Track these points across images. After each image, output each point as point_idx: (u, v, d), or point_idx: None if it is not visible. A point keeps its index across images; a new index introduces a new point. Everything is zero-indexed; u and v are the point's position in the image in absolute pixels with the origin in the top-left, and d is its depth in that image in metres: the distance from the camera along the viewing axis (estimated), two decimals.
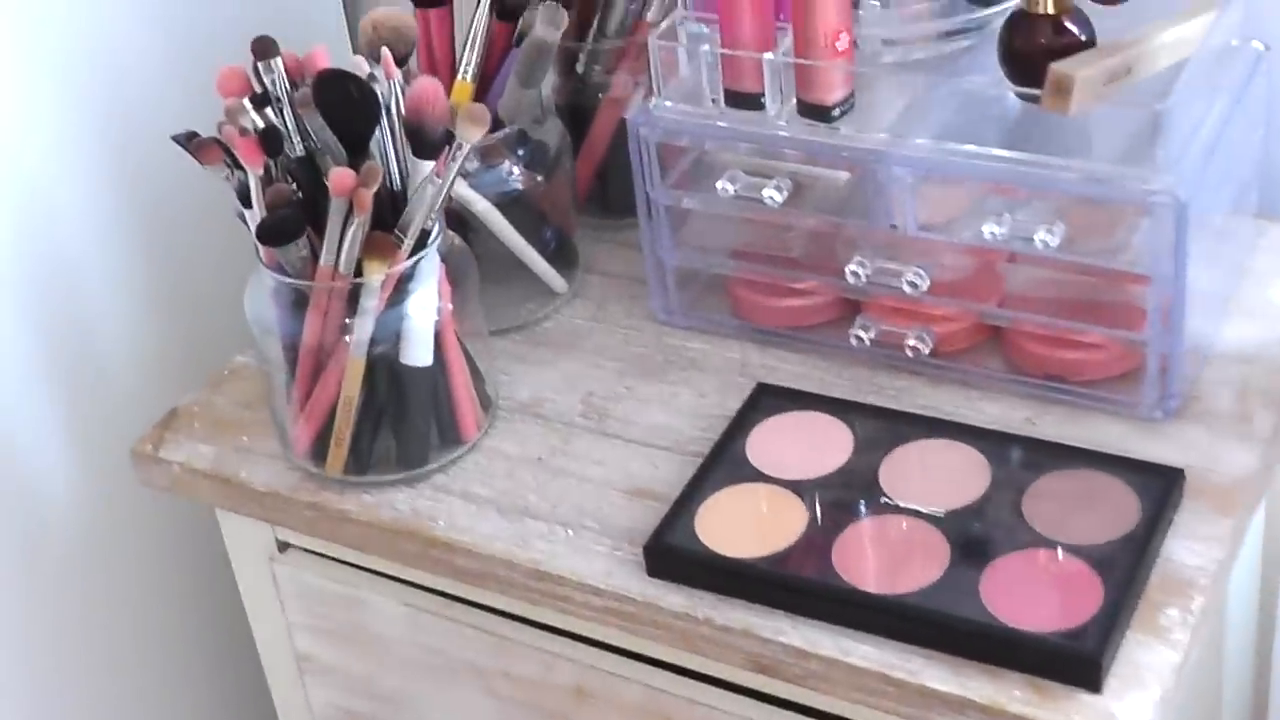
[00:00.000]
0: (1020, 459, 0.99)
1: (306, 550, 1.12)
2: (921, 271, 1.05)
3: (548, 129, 1.15)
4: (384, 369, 1.02)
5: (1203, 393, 1.04)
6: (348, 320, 1.01)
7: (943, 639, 0.90)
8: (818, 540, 0.96)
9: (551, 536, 1.01)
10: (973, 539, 0.95)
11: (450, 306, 1.03)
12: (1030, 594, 0.92)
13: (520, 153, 1.13)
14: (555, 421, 1.09)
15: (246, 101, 0.99)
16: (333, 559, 1.11)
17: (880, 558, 0.95)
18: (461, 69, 1.12)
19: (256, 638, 1.20)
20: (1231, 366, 1.06)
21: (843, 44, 1.01)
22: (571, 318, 1.17)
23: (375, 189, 0.95)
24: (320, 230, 0.98)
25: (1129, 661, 0.89)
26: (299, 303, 1.01)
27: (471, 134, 0.98)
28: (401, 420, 1.04)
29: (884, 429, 1.03)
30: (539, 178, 1.14)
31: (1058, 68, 0.93)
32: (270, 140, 0.96)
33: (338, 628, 1.13)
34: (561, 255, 1.18)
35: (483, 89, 1.13)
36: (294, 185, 0.98)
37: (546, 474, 1.05)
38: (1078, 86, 0.92)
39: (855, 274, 1.06)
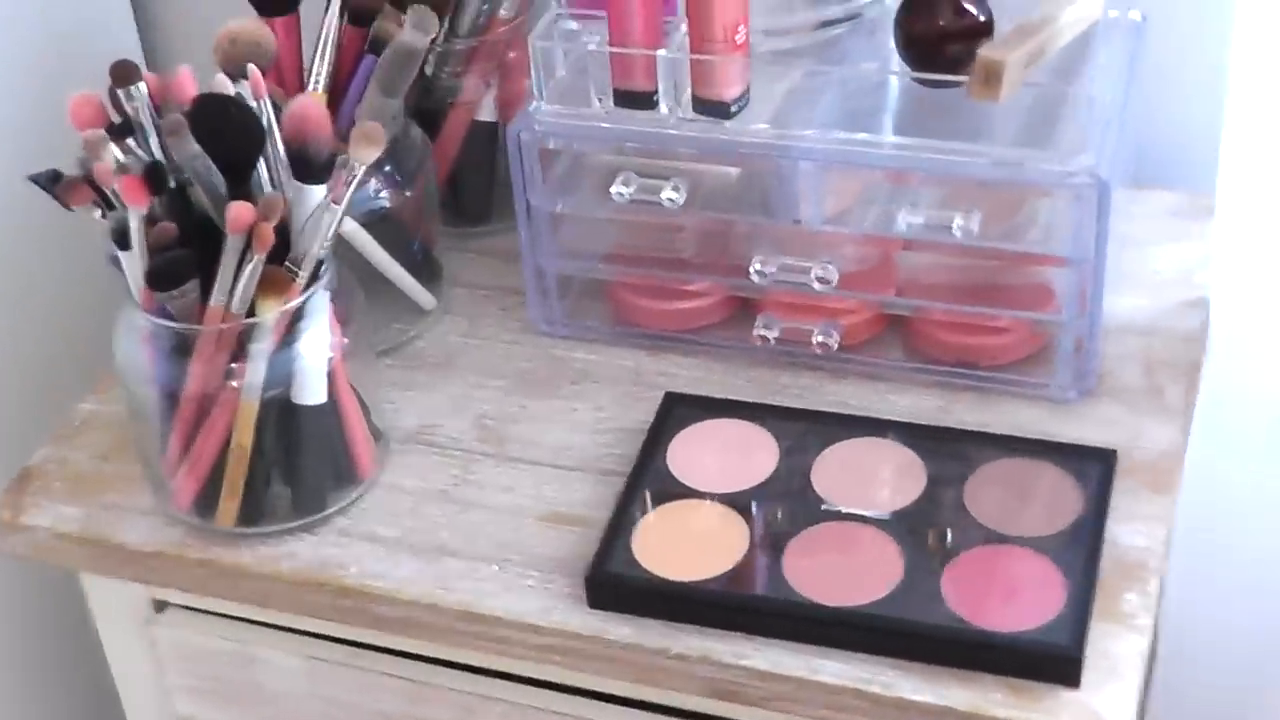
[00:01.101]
0: (952, 452, 0.97)
1: (188, 608, 1.04)
2: (830, 265, 1.02)
3: (411, 138, 1.08)
4: (275, 411, 0.95)
5: (1109, 369, 1.04)
6: (234, 364, 0.93)
7: (914, 648, 0.88)
8: (765, 555, 0.92)
9: (475, 574, 0.95)
10: (923, 540, 0.92)
11: (345, 340, 0.96)
12: (993, 593, 0.90)
13: (386, 167, 1.06)
14: (451, 449, 1.03)
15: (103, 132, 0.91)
16: (220, 615, 1.03)
17: (833, 568, 0.92)
18: (312, 80, 1.05)
19: (126, 705, 1.11)
20: (1130, 340, 1.05)
21: (741, 37, 0.97)
22: (445, 335, 1.11)
23: (276, 222, 0.88)
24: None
25: (1101, 652, 0.88)
26: (180, 347, 0.93)
27: (368, 154, 0.91)
28: (296, 464, 0.97)
29: (806, 431, 0.99)
30: (406, 192, 1.07)
31: (986, 55, 0.91)
32: (155, 176, 0.88)
33: (225, 687, 1.06)
34: (426, 270, 1.12)
35: (334, 99, 1.06)
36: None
37: (454, 507, 0.99)
38: (1008, 72, 0.90)
39: (760, 272, 1.03)
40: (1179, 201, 1.15)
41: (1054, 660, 0.86)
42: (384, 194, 1.07)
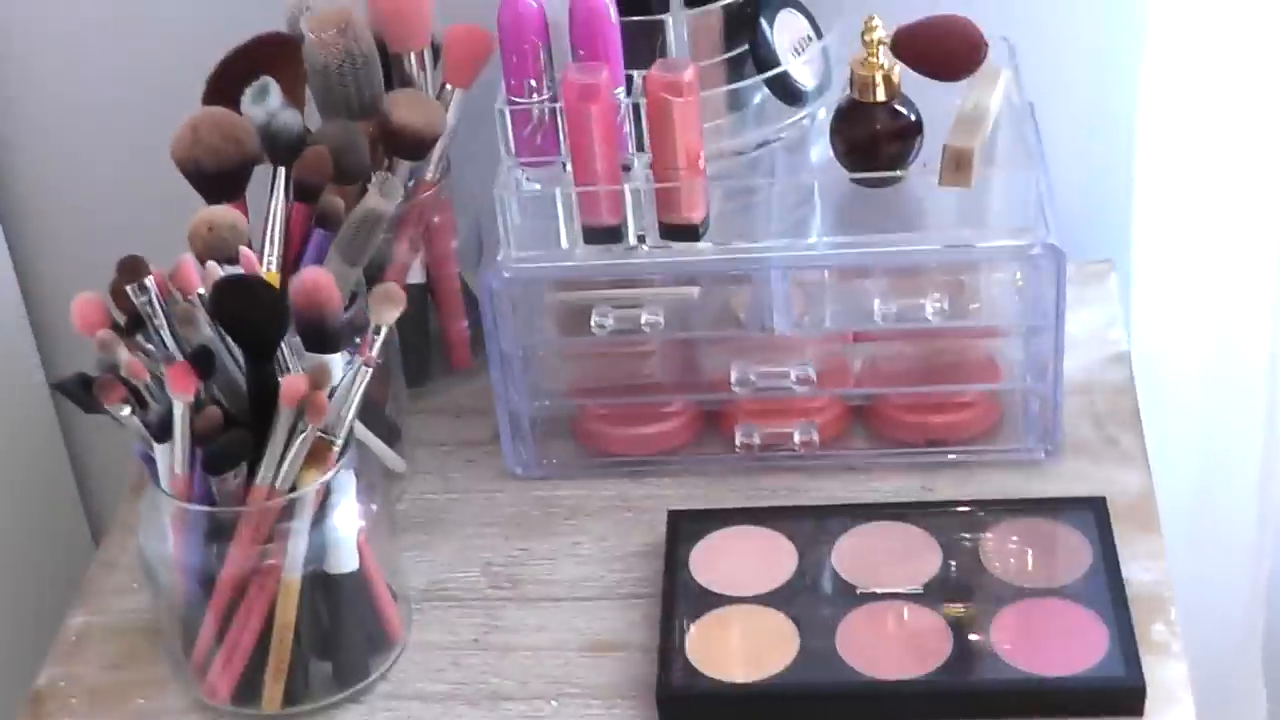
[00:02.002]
0: (955, 523, 1.02)
1: None
2: (806, 366, 1.07)
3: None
4: (309, 585, 0.95)
5: (1064, 428, 1.11)
6: (267, 544, 0.93)
7: (987, 705, 0.93)
8: (818, 644, 0.96)
9: (537, 714, 0.96)
10: (960, 605, 0.97)
11: (374, 506, 0.97)
12: (1041, 642, 0.95)
13: (356, 338, 1.08)
14: (469, 600, 1.04)
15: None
16: None
17: (887, 644, 0.96)
18: (265, 260, 1.06)
19: None
20: (1073, 399, 1.12)
21: (702, 162, 1.02)
22: (422, 495, 1.12)
23: (329, 390, 0.89)
24: None
25: (1153, 682, 0.93)
26: (215, 531, 0.93)
27: (390, 314, 0.93)
28: (336, 635, 0.97)
29: (813, 527, 1.03)
30: (380, 360, 1.09)
31: (954, 145, 0.97)
32: (203, 361, 0.88)
33: None
34: (387, 434, 1.13)
35: (285, 277, 1.07)
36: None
37: (493, 653, 1.00)
38: (975, 159, 0.97)
39: (743, 382, 1.07)
40: (1073, 269, 1.23)
41: (1118, 693, 0.92)
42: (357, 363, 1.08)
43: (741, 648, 0.97)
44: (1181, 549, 1.05)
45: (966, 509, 1.04)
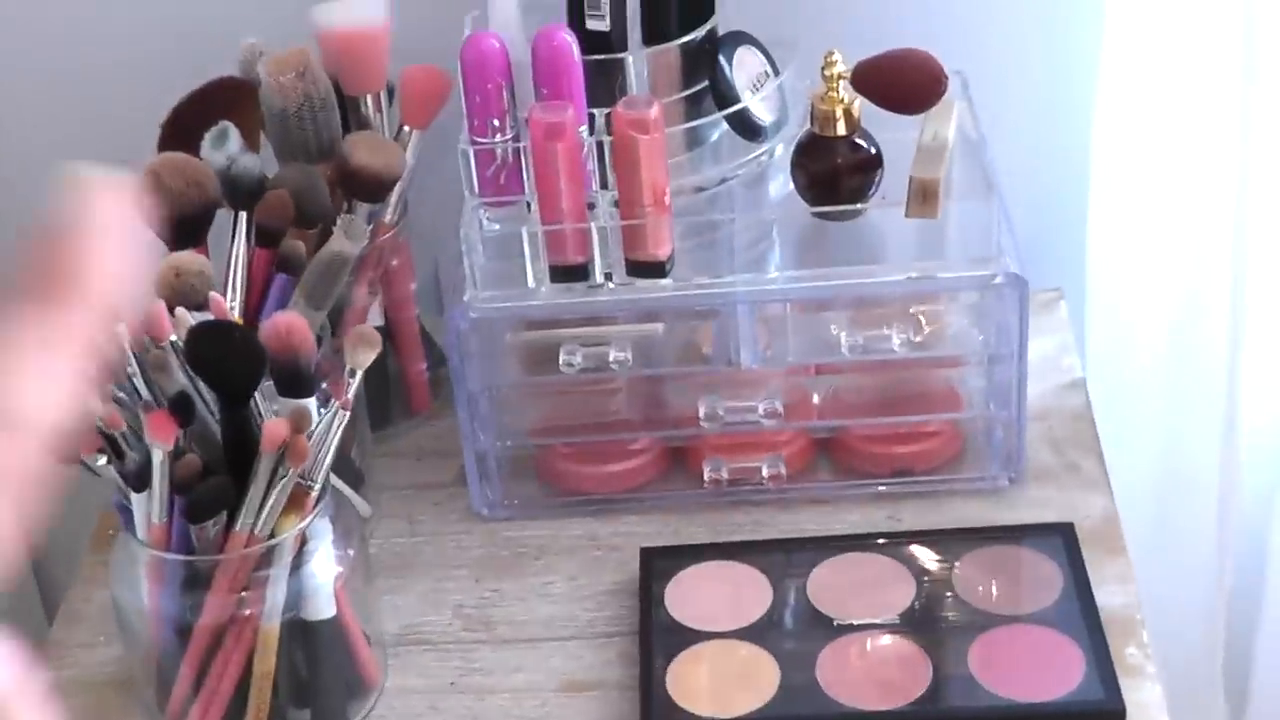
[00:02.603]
0: (926, 554, 1.03)
1: None
2: (774, 400, 1.07)
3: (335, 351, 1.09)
4: (286, 633, 0.94)
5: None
6: (244, 592, 0.93)
7: None
8: (799, 678, 0.96)
9: None
10: (937, 635, 0.98)
11: (351, 552, 0.96)
12: (1020, 668, 0.96)
13: (323, 384, 1.07)
14: (443, 643, 1.03)
15: None
16: None
17: (868, 676, 0.96)
18: (227, 304, 1.05)
19: None
20: (1031, 425, 1.13)
21: (668, 198, 1.03)
22: (388, 538, 1.11)
23: (309, 433, 0.88)
24: None
25: (1129, 704, 0.94)
26: (193, 580, 0.92)
27: (365, 358, 0.93)
28: (315, 682, 0.97)
29: (785, 560, 1.04)
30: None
31: (920, 176, 0.99)
32: (183, 408, 0.87)
33: None
34: (351, 478, 1.12)
35: (248, 322, 1.06)
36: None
37: (470, 696, 1.00)
38: (940, 190, 0.98)
39: (711, 417, 1.08)
40: None
41: (1098, 717, 0.93)
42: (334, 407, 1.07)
43: (722, 683, 0.97)
44: (1142, 572, 1.06)
45: (936, 538, 1.04)
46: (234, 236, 1.06)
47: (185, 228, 1.03)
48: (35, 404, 0.35)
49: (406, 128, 1.13)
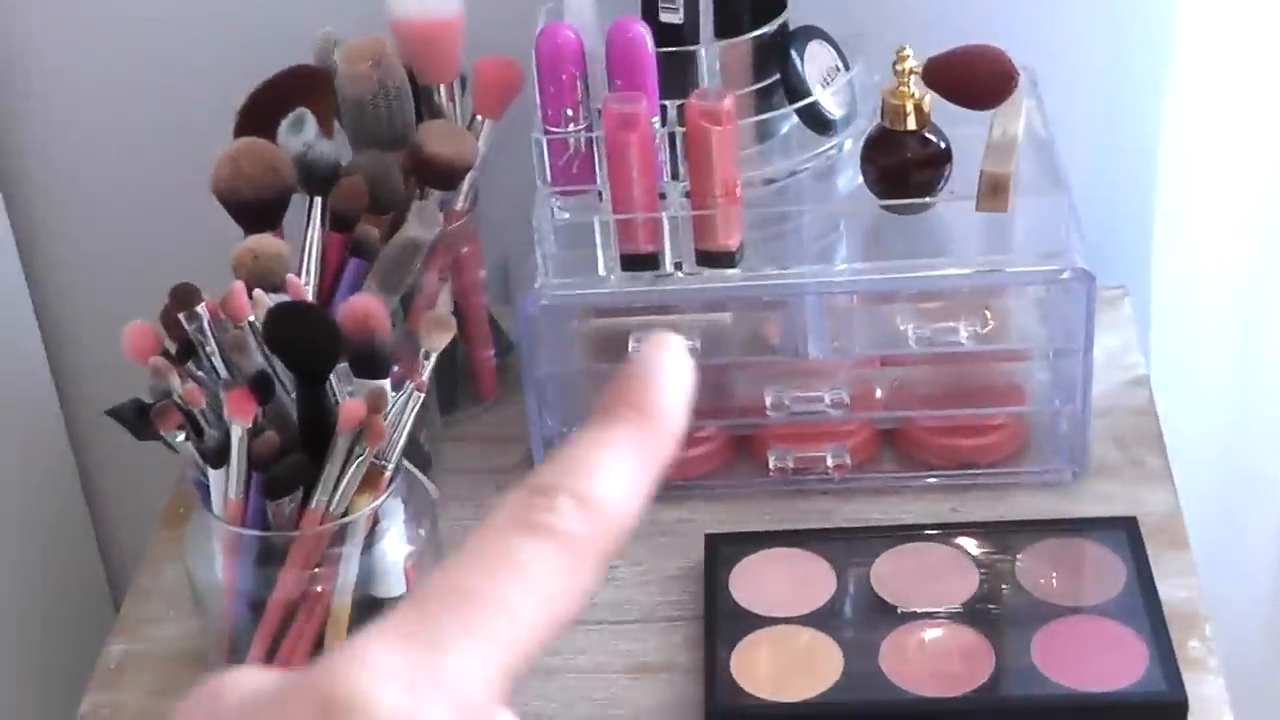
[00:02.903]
0: (990, 544, 1.04)
1: None
2: (840, 390, 1.08)
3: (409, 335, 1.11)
4: (358, 609, 0.96)
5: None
6: (317, 568, 0.94)
7: None
8: (863, 664, 0.97)
9: None
10: (999, 624, 0.99)
11: (421, 532, 0.98)
12: (1082, 659, 0.96)
13: (395, 366, 1.09)
14: None
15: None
16: None
17: (930, 663, 0.97)
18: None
19: None
20: (1095, 421, 1.14)
21: (739, 189, 1.04)
22: (457, 519, 1.11)
23: (386, 413, 0.90)
24: None
25: (1191, 697, 0.95)
26: (266, 555, 0.94)
27: (440, 340, 0.94)
28: None
29: (849, 549, 1.05)
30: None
31: (991, 170, 1.00)
32: (263, 386, 0.89)
33: None
34: (419, 461, 1.14)
35: (322, 306, 1.08)
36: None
37: (536, 678, 1.01)
38: (1011, 184, 0.99)
39: (777, 407, 1.09)
40: None
41: (1161, 708, 0.94)
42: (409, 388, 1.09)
43: (785, 667, 0.98)
44: (1204, 568, 1.06)
45: (1000, 530, 1.05)
46: (309, 221, 1.07)
47: (262, 212, 1.05)
48: (620, 496, 0.43)
49: (479, 117, 1.15)
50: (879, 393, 1.12)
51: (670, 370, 0.45)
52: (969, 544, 1.04)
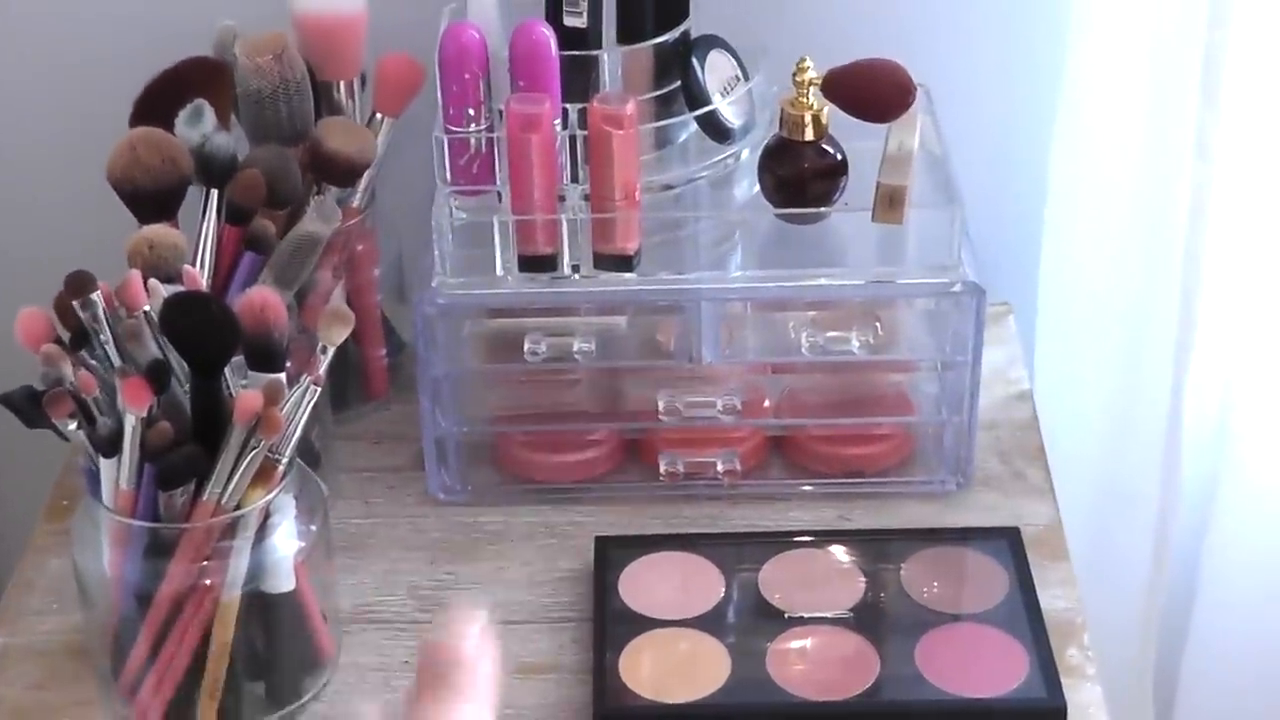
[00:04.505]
0: (877, 552, 1.06)
1: None
2: (732, 396, 1.09)
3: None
4: (245, 605, 0.95)
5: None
6: (206, 562, 0.94)
7: None
8: (750, 668, 0.98)
9: None
10: (884, 631, 1.00)
11: (313, 527, 0.97)
12: (965, 665, 0.98)
13: (288, 364, 1.08)
14: (397, 623, 1.05)
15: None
16: None
17: (817, 668, 0.98)
18: None
19: None
20: (979, 434, 1.16)
21: (638, 194, 1.04)
22: (345, 518, 1.12)
23: (283, 406, 0.89)
24: None
25: (1070, 704, 0.97)
26: (156, 548, 0.93)
27: (338, 335, 0.94)
28: (271, 655, 0.97)
29: (737, 554, 1.06)
30: None
31: (888, 183, 1.01)
32: (158, 375, 0.88)
33: None
34: (309, 459, 1.13)
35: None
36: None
37: None
38: (907, 197, 1.00)
39: (670, 411, 1.09)
40: None
41: (1041, 714, 0.95)
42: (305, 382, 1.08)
43: (673, 670, 0.99)
44: (1082, 579, 1.08)
45: (886, 538, 1.07)
46: (204, 213, 1.06)
47: (158, 202, 1.04)
48: None
49: (378, 115, 1.15)
50: (770, 400, 1.13)
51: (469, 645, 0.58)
52: (855, 551, 1.06)
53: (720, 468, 1.11)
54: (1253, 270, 1.18)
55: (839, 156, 1.08)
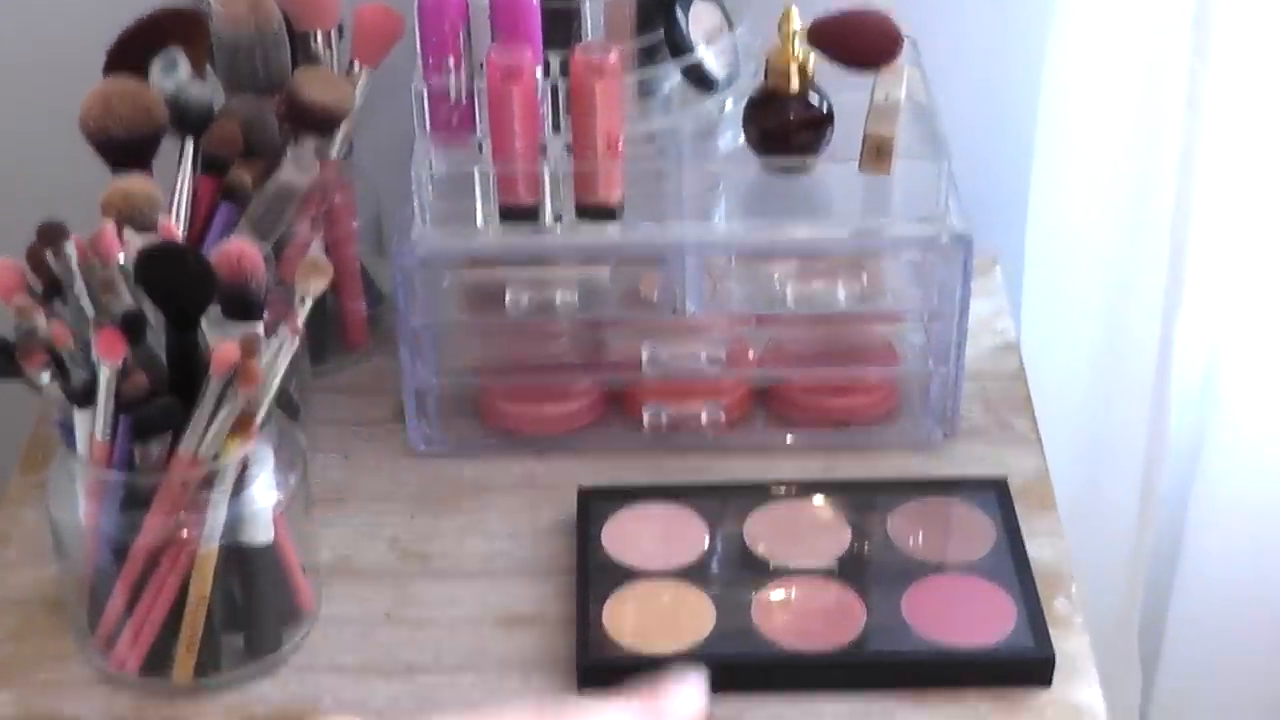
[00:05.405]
0: (863, 502, 1.05)
1: None
2: (716, 348, 1.08)
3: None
4: (223, 557, 0.94)
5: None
6: (183, 514, 0.93)
7: (902, 677, 0.95)
8: (735, 619, 0.97)
9: (455, 685, 0.96)
10: (871, 581, 1.00)
11: (291, 479, 0.96)
12: (952, 616, 0.97)
13: (265, 315, 1.07)
14: (378, 575, 1.04)
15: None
16: None
17: (802, 618, 0.98)
18: None
19: None
20: (965, 385, 1.15)
21: (621, 144, 1.03)
22: (324, 471, 1.11)
23: (260, 358, 0.88)
24: None
25: (1057, 654, 0.96)
26: (133, 499, 0.92)
27: (316, 286, 0.93)
28: (250, 607, 0.96)
29: (722, 504, 1.05)
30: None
31: (875, 132, 1.00)
32: (133, 326, 0.87)
33: None
34: (288, 410, 1.12)
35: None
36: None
37: (407, 627, 1.00)
38: (894, 147, 0.99)
39: (654, 362, 1.08)
40: None
41: (1029, 664, 0.95)
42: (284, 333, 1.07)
43: (656, 621, 0.98)
44: (1068, 529, 1.08)
45: (871, 489, 1.06)
46: (180, 164, 1.05)
47: (132, 152, 1.02)
48: None
49: (356, 65, 1.13)
50: (754, 351, 1.12)
51: (689, 698, 0.56)
52: (841, 502, 1.05)
53: (704, 419, 1.10)
54: (1242, 220, 1.17)
55: (824, 107, 1.07)
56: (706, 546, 1.02)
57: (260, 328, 0.92)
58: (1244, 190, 1.16)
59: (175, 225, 1.03)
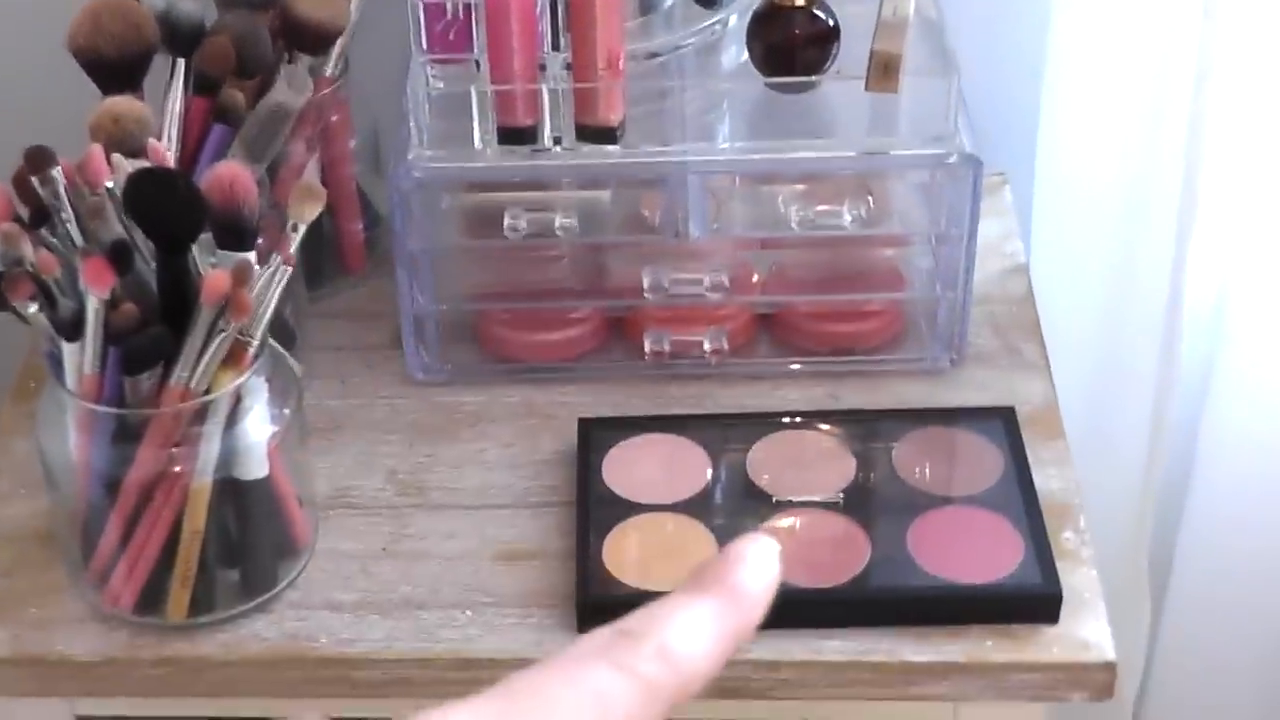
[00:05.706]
0: (868, 432, 1.03)
1: (115, 717, 1.00)
2: (719, 273, 1.06)
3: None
4: (217, 492, 0.92)
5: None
6: (175, 448, 0.91)
7: (906, 613, 0.93)
8: None
9: (453, 622, 0.95)
10: (876, 514, 0.98)
11: (286, 411, 0.94)
12: (958, 550, 0.96)
13: (259, 239, 1.04)
14: (375, 508, 1.02)
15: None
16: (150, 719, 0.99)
17: (805, 552, 0.96)
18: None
19: None
20: (973, 309, 1.13)
21: (622, 63, 1.00)
22: (320, 399, 1.09)
23: (252, 287, 0.86)
24: None
25: (1066, 587, 0.94)
26: (124, 433, 0.90)
27: (309, 212, 0.90)
28: (245, 542, 0.95)
29: (724, 435, 1.03)
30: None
31: (882, 49, 0.97)
32: (121, 255, 0.84)
33: None
34: (283, 337, 1.10)
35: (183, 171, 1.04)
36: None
37: (405, 561, 0.98)
38: (902, 64, 0.96)
39: (655, 288, 1.06)
40: None
41: (1036, 600, 0.93)
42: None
43: (658, 555, 0.96)
44: (1076, 457, 1.06)
45: (876, 418, 1.04)
46: (171, 84, 1.02)
47: (122, 72, 1.00)
48: (697, 656, 0.46)
49: None
50: (758, 276, 1.09)
51: (759, 560, 0.48)
52: (845, 432, 1.03)
53: (707, 346, 1.08)
54: (1257, 137, 1.14)
55: (831, 22, 1.04)
56: (709, 478, 1.00)
57: (253, 256, 0.90)
58: (1260, 100, 1.13)
59: (166, 148, 1.00)
